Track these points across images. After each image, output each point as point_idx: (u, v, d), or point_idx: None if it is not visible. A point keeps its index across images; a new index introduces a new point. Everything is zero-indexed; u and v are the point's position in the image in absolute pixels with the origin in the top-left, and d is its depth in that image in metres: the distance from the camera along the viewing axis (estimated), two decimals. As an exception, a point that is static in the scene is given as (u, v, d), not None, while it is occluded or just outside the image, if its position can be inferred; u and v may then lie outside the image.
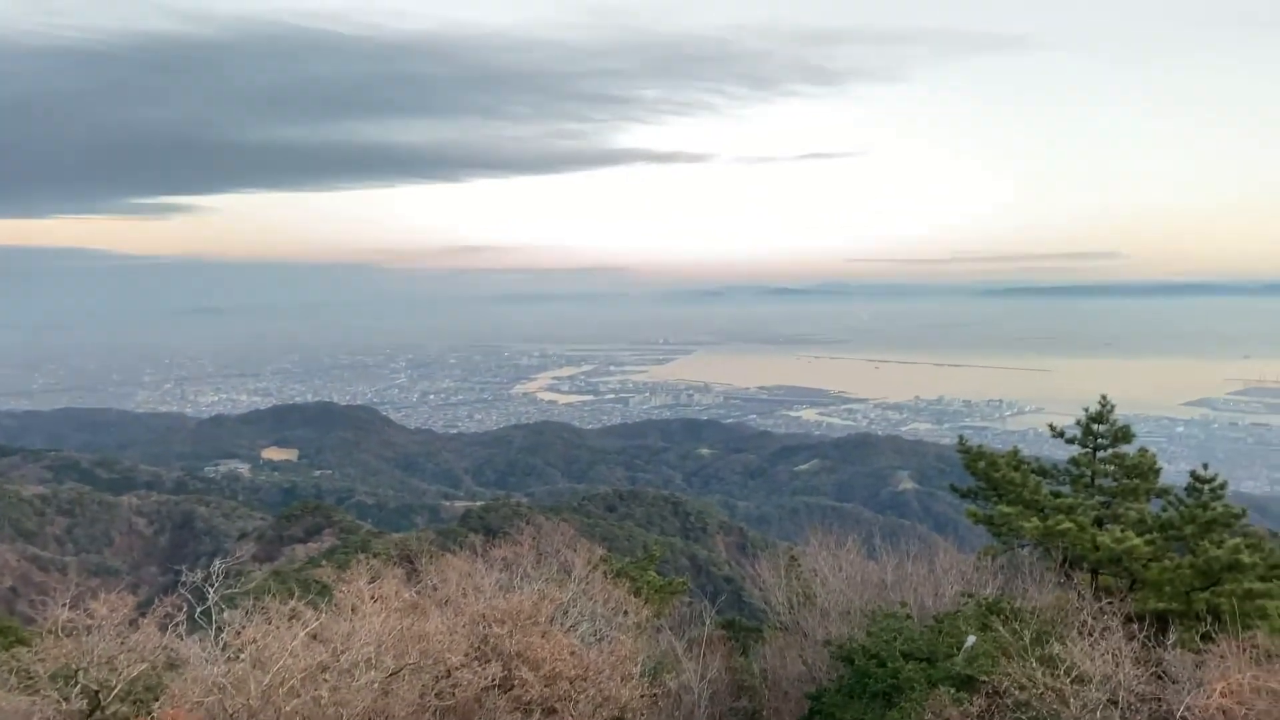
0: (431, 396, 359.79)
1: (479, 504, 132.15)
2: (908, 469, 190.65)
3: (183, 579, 15.04)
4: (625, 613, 20.16)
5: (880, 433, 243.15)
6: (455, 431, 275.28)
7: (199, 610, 14.75)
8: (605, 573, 21.96)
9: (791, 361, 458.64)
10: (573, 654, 14.96)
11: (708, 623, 23.56)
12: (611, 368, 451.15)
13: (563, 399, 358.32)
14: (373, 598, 14.82)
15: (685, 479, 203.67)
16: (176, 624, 14.29)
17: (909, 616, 17.77)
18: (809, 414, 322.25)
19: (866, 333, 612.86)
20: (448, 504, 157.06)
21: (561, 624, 17.51)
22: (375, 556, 20.26)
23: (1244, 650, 12.45)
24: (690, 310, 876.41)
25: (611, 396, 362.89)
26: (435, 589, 18.43)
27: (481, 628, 15.23)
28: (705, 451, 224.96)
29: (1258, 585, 18.29)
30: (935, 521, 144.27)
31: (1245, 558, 18.54)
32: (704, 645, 20.51)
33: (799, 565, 25.70)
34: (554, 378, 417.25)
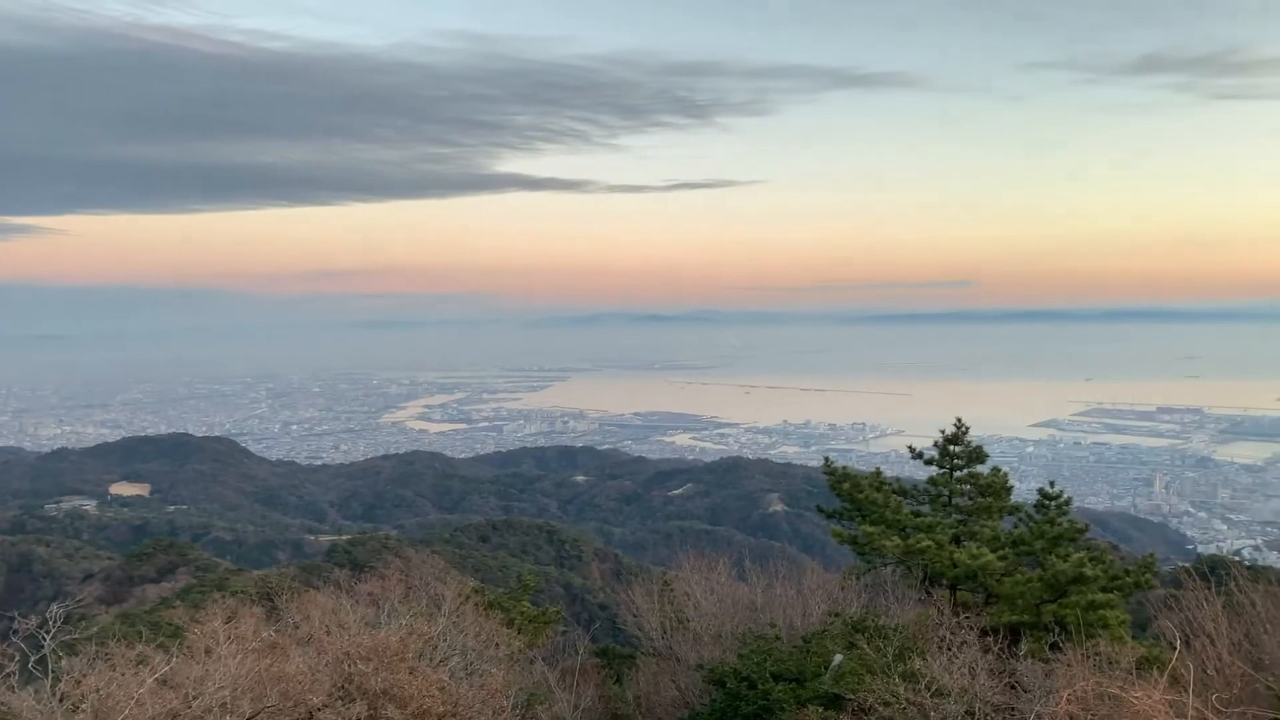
0: (294, 427, 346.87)
1: (345, 538, 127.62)
2: (777, 491, 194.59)
3: (15, 626, 13.92)
4: (497, 645, 19.80)
5: (751, 456, 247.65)
6: (320, 463, 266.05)
7: (34, 659, 13.67)
8: (477, 605, 21.54)
9: (665, 387, 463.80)
10: (441, 690, 14.55)
11: (581, 652, 23.36)
12: (485, 395, 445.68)
13: (434, 428, 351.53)
14: (229, 638, 14.07)
15: (560, 507, 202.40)
16: (8, 674, 13.19)
17: (778, 637, 18.06)
18: (682, 439, 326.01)
19: (736, 358, 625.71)
20: (312, 538, 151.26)
21: (430, 659, 17.04)
22: (233, 595, 19.34)
23: (1088, 658, 13.12)
24: (564, 336, 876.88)
25: (485, 424, 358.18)
26: (297, 627, 17.66)
27: (346, 666, 14.65)
28: (580, 479, 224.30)
29: (1099, 596, 19.38)
30: (804, 542, 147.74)
31: (1089, 571, 19.62)
32: (578, 674, 20.33)
33: (672, 590, 25.85)
34: (425, 406, 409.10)
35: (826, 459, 25.57)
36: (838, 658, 15.70)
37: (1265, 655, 12.60)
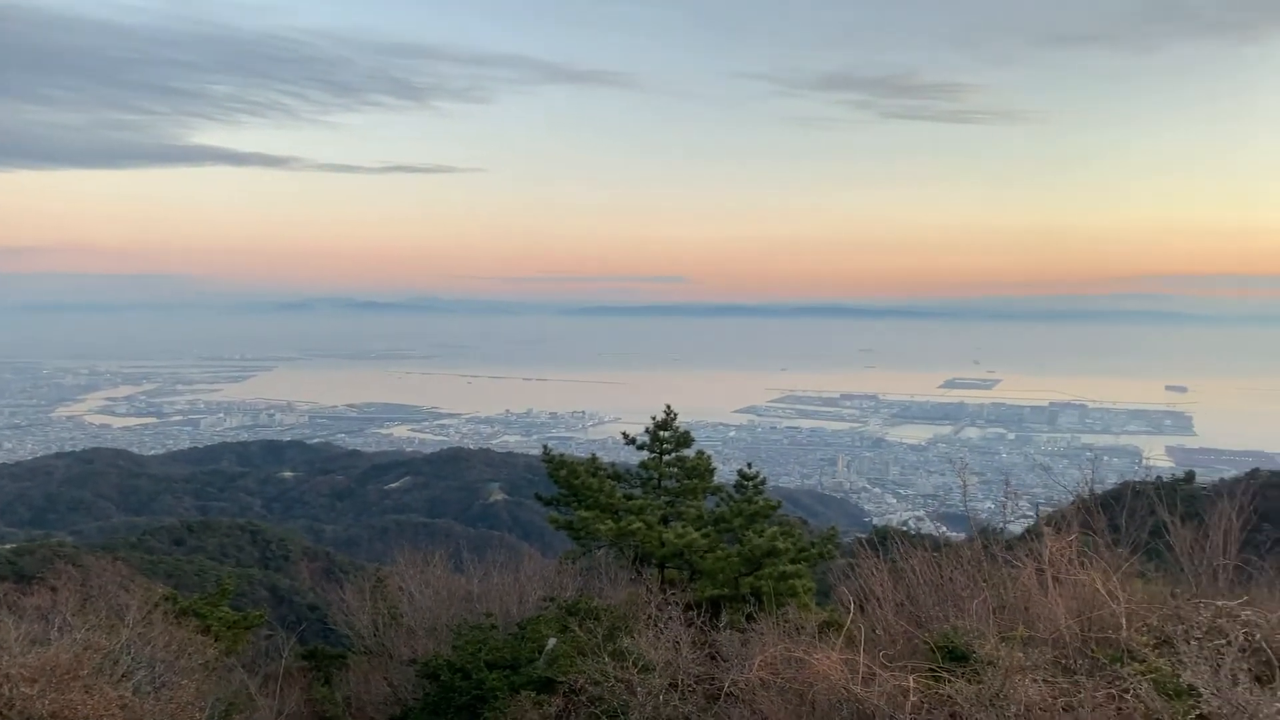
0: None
1: (9, 547, 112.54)
2: (499, 481, 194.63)
3: None
4: (190, 654, 18.32)
5: (472, 446, 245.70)
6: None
7: None
8: (167, 613, 19.81)
9: (382, 377, 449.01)
10: (123, 707, 13.25)
11: (286, 655, 22.17)
12: (179, 386, 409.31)
13: (118, 422, 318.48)
14: None
15: (266, 505, 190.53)
16: None
17: (494, 626, 18.09)
18: (401, 430, 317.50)
19: (457, 348, 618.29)
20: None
21: (111, 675, 15.45)
22: None
23: (778, 625, 14.23)
24: (271, 323, 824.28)
25: (179, 418, 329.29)
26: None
27: (6, 690, 12.97)
28: (288, 474, 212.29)
29: (790, 567, 21.04)
30: (524, 530, 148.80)
31: (781, 544, 21.24)
32: (281, 679, 19.27)
33: (386, 586, 25.17)
34: (107, 398, 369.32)
35: (545, 447, 25.87)
36: (551, 641, 15.98)
37: (922, 613, 14.24)
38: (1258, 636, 10.31)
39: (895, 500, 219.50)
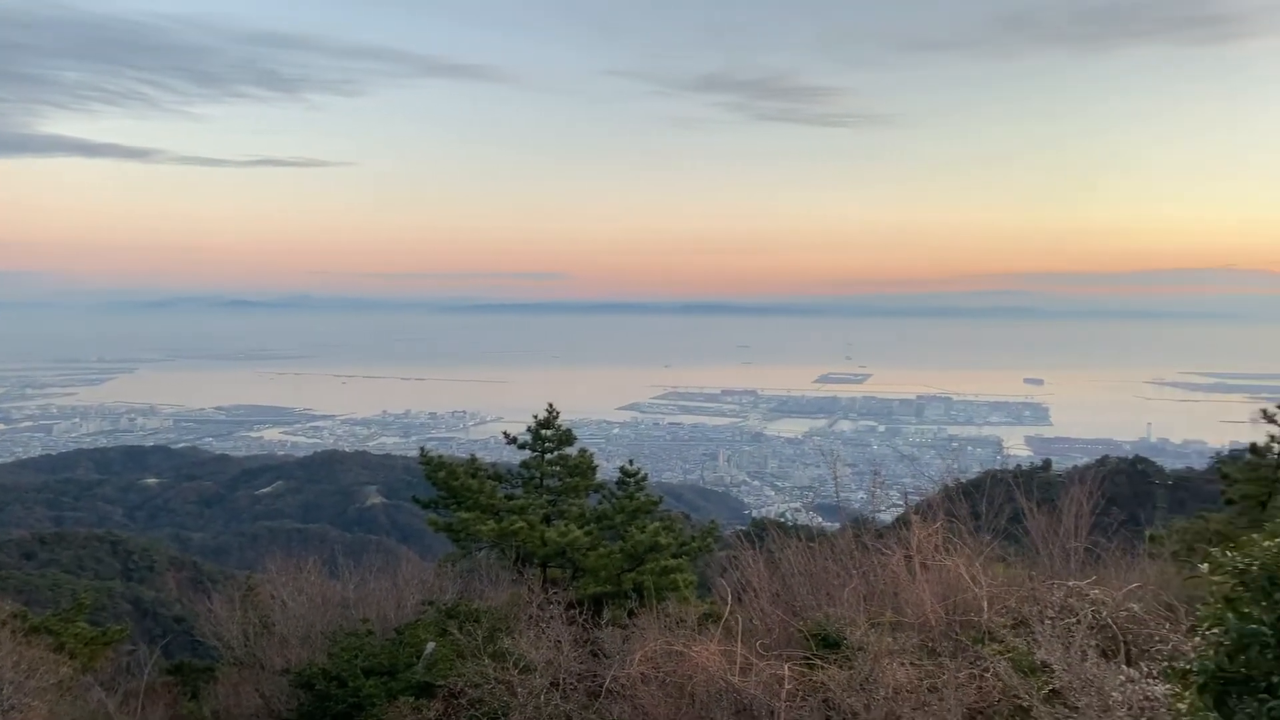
0: None
1: None
2: (376, 484, 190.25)
3: None
4: (42, 674, 17.28)
5: (348, 449, 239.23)
6: None
7: None
8: (16, 631, 18.63)
9: (252, 378, 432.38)
10: (-35, 735, 12.41)
11: (149, 670, 21.15)
12: (28, 390, 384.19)
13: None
14: None
15: (128, 514, 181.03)
16: None
17: (370, 632, 17.69)
18: (273, 433, 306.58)
19: (332, 347, 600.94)
20: None
21: (-49, 701, 14.46)
22: None
23: (659, 619, 14.38)
24: (131, 323, 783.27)
25: (29, 424, 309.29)
26: None
27: None
28: (152, 481, 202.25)
29: (671, 562, 21.31)
30: (403, 533, 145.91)
31: (662, 539, 21.48)
32: (143, 695, 18.37)
33: (256, 594, 24.32)
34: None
35: (422, 449, 25.46)
36: (430, 645, 15.75)
37: (798, 602, 14.64)
38: (1104, 614, 10.99)
39: (774, 492, 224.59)
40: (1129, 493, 76.85)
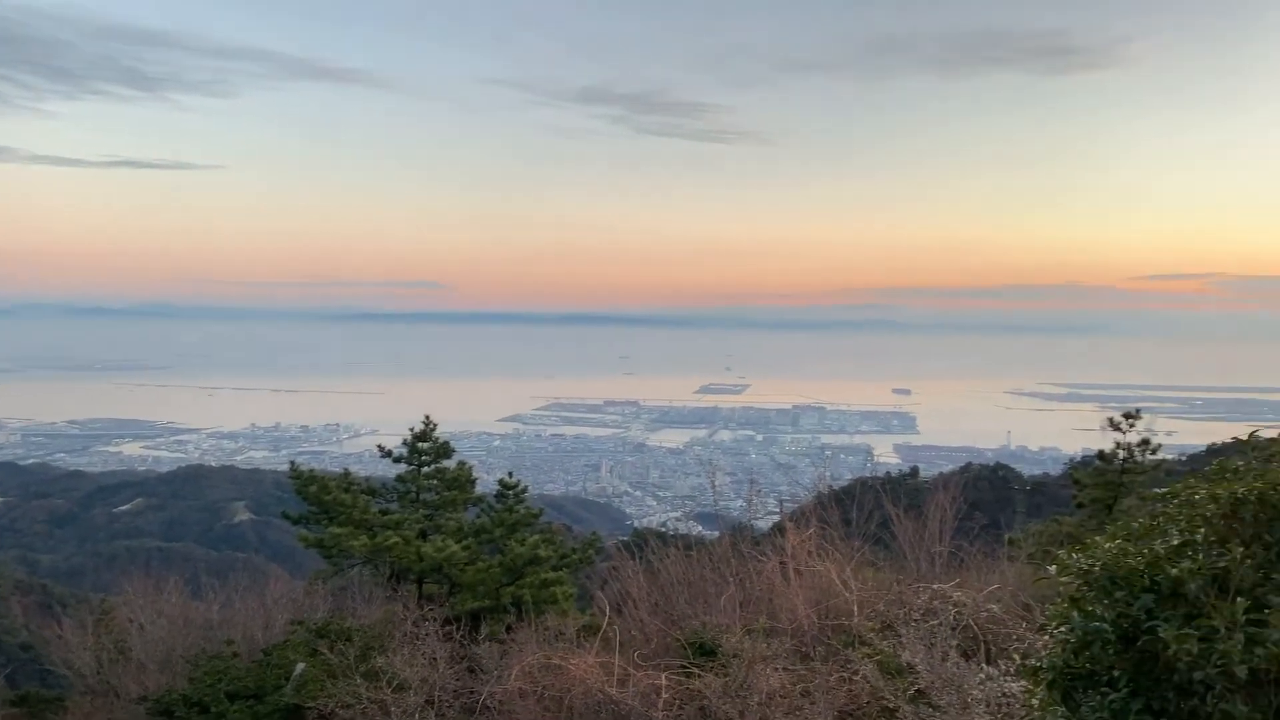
0: None
1: None
2: (244, 499, 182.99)
3: None
4: None
5: (215, 463, 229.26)
6: None
7: None
8: None
9: (110, 390, 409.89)
10: None
11: (-11, 704, 19.77)
12: None
13: None
14: None
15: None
16: None
17: (236, 654, 16.98)
18: (132, 448, 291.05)
19: (198, 357, 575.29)
20: None
21: None
22: None
23: (538, 634, 14.28)
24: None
25: None
26: None
27: None
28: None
29: (551, 575, 21.21)
30: (272, 551, 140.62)
31: (542, 552, 21.37)
32: (-17, 732, 17.13)
33: (111, 618, 23.07)
34: None
35: (293, 463, 24.62)
36: (300, 666, 15.21)
37: (676, 611, 14.79)
38: (965, 615, 11.48)
39: (655, 502, 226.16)
40: (991, 498, 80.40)
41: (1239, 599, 5.06)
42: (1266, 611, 4.92)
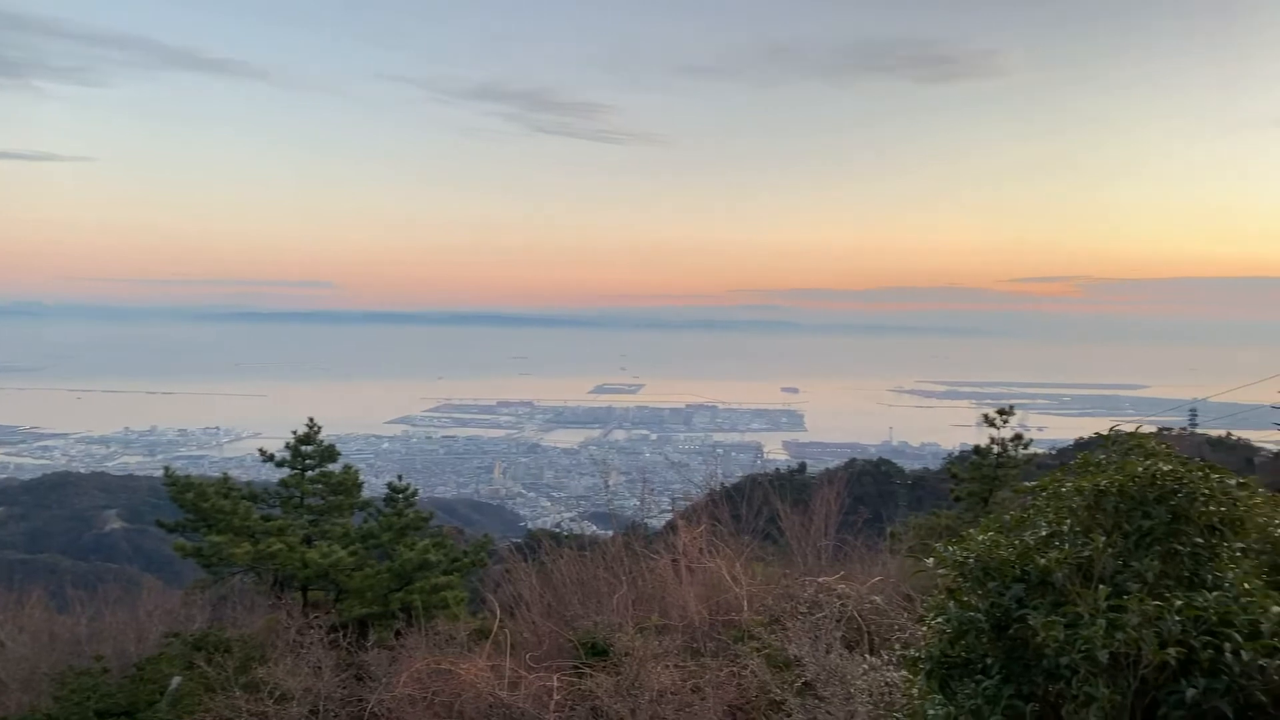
0: None
1: None
2: (116, 507, 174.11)
3: None
4: None
5: (84, 470, 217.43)
6: None
7: None
8: None
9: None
10: None
11: None
12: None
13: None
14: None
15: None
16: None
17: (106, 670, 16.16)
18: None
19: (66, 359, 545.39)
20: None
21: None
22: None
23: (428, 638, 14.04)
24: None
25: None
26: None
27: None
28: None
29: (441, 579, 20.86)
30: (147, 560, 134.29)
31: (432, 556, 20.99)
32: None
33: (-33, 637, 21.65)
34: None
35: (167, 468, 23.53)
36: (175, 680, 14.59)
37: (569, 612, 14.76)
38: (850, 607, 11.80)
39: (550, 503, 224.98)
40: (874, 492, 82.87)
41: (1101, 586, 5.35)
42: (1125, 598, 5.21)
